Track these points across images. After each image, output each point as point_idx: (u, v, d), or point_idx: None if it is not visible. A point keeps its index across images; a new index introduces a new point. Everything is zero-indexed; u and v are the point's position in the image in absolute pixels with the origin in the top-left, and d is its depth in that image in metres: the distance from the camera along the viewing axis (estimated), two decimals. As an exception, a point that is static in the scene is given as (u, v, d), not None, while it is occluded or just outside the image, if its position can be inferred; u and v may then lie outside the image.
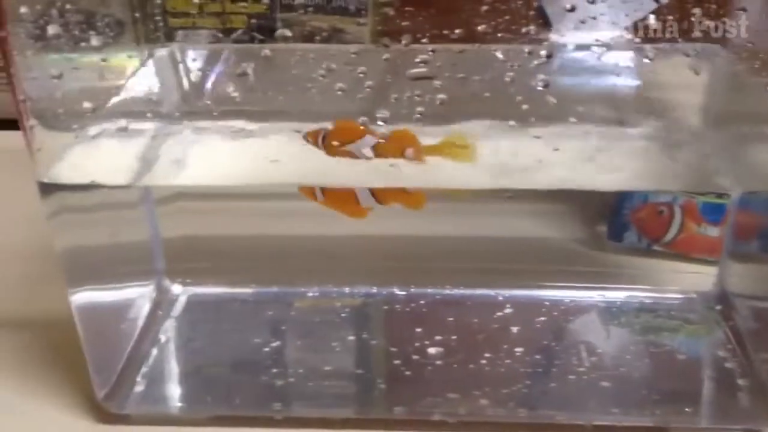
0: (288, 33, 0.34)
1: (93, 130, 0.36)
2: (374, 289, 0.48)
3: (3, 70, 0.32)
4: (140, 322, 0.45)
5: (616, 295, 0.46)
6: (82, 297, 0.39)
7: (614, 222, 0.50)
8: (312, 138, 0.36)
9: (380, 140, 0.35)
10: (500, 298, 0.46)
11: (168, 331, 0.45)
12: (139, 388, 0.41)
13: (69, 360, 0.42)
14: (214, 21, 0.43)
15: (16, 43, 0.32)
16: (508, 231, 0.49)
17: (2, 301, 0.49)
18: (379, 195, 0.38)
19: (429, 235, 0.49)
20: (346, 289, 0.48)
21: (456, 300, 0.47)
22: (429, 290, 0.47)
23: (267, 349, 0.43)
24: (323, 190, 0.38)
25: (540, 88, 0.34)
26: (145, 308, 0.46)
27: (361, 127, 0.35)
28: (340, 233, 0.47)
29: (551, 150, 0.35)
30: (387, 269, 0.48)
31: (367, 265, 0.48)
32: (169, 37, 0.43)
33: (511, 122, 0.34)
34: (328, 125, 0.36)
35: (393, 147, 0.35)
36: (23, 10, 0.33)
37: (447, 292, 0.47)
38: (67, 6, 0.35)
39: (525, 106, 0.34)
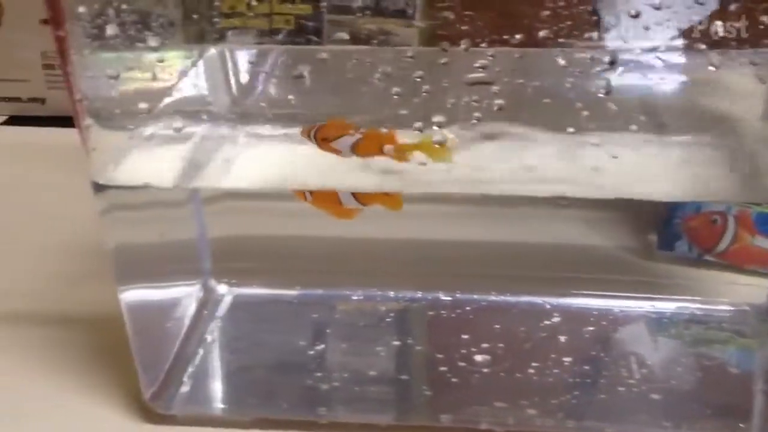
0: (345, 36, 0.34)
1: (147, 130, 0.36)
2: (419, 294, 0.47)
3: (60, 68, 0.33)
4: (186, 322, 0.45)
5: (666, 305, 0.45)
6: (131, 295, 0.39)
7: (665, 231, 0.49)
8: (305, 134, 0.36)
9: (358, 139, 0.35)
10: (548, 307, 0.46)
11: (214, 332, 0.45)
12: (185, 388, 0.41)
13: (115, 359, 0.42)
14: (263, 22, 0.43)
15: (74, 42, 0.32)
16: (556, 237, 0.48)
17: (49, 299, 0.50)
18: (359, 196, 0.38)
19: (474, 240, 0.48)
20: (391, 293, 0.47)
21: (502, 307, 0.46)
22: (474, 296, 0.47)
23: (311, 352, 0.43)
24: (312, 191, 0.38)
25: (600, 95, 0.33)
26: (191, 308, 0.46)
27: (347, 124, 0.35)
28: (384, 236, 0.47)
29: (609, 158, 0.34)
30: (432, 274, 0.48)
31: (412, 269, 0.48)
32: (220, 38, 0.44)
33: (570, 129, 0.34)
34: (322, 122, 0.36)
35: (369, 145, 0.35)
36: (81, 9, 0.33)
37: (493, 298, 0.47)
38: (123, 6, 0.35)
39: (585, 113, 0.33)
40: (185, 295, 0.46)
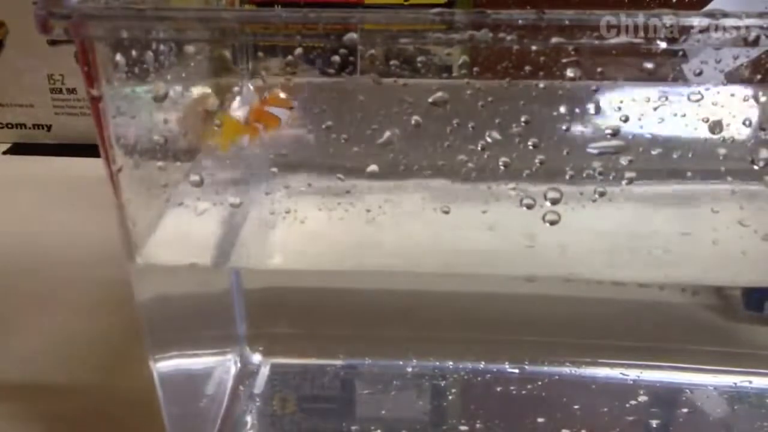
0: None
1: (190, 201, 0.31)
2: (482, 365, 0.42)
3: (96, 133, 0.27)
4: (225, 399, 0.39)
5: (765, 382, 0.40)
6: (166, 366, 0.34)
7: (753, 289, 0.43)
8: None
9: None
10: (630, 382, 0.40)
11: (253, 412, 0.40)
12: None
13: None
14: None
15: (110, 105, 0.27)
16: (626, 294, 0.43)
17: (64, 364, 0.44)
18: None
19: (539, 301, 0.43)
20: (449, 364, 0.42)
21: (578, 381, 0.41)
22: (545, 369, 0.41)
23: (368, 439, 0.38)
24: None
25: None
26: (228, 382, 0.40)
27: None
28: (439, 293, 0.42)
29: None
30: (496, 341, 0.43)
31: (473, 335, 0.43)
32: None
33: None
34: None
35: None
36: (119, 58, 0.28)
37: (566, 371, 0.41)
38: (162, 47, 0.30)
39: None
40: (221, 367, 0.41)
